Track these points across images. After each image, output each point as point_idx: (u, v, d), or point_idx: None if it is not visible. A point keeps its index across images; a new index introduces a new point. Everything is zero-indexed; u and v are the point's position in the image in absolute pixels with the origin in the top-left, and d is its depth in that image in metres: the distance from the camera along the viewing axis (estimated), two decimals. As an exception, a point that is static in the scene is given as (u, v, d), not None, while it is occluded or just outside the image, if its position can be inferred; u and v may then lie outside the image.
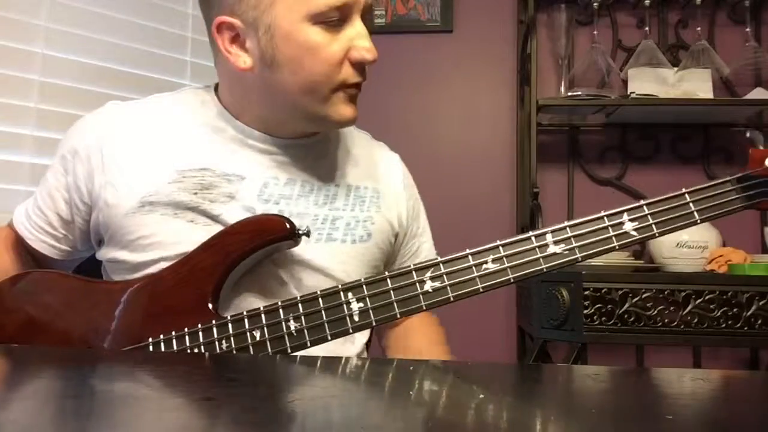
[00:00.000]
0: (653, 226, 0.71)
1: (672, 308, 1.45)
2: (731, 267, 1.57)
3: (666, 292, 1.45)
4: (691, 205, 0.71)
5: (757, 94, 1.79)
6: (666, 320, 1.44)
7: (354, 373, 0.57)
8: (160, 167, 0.82)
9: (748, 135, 0.77)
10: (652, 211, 0.71)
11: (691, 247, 1.64)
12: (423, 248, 0.99)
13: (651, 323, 1.44)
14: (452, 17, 2.01)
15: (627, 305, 1.44)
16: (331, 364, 0.61)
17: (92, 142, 0.84)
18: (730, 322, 1.44)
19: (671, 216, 0.71)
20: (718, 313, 1.44)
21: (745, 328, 1.43)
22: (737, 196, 0.72)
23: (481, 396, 0.46)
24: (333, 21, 0.77)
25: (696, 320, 1.44)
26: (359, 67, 0.80)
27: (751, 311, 1.43)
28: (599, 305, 1.44)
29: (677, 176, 1.94)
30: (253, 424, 0.37)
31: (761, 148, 0.74)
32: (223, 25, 0.79)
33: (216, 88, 0.89)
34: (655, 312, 1.44)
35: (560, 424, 0.40)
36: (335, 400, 0.45)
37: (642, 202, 0.72)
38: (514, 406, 0.45)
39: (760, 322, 1.43)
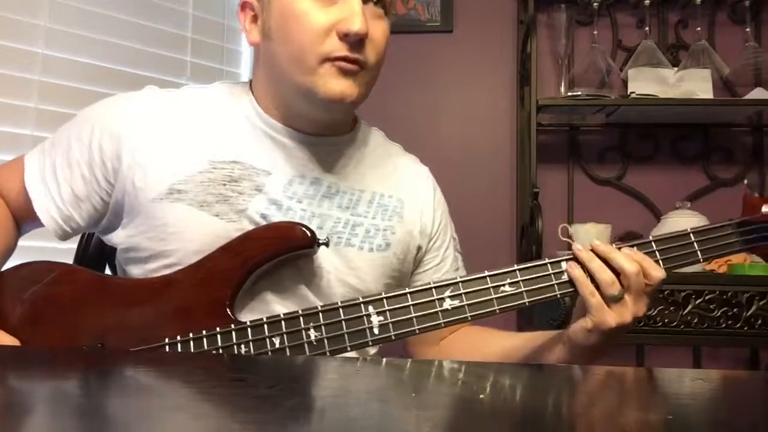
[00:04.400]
0: (660, 262, 0.76)
1: (672, 308, 1.45)
2: (731, 267, 1.57)
3: (666, 292, 1.45)
4: (695, 244, 0.78)
5: (757, 94, 1.79)
6: (666, 320, 1.44)
7: (368, 373, 0.57)
8: (193, 156, 0.82)
9: (745, 182, 0.85)
10: (660, 247, 0.77)
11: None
12: (446, 262, 0.96)
13: (651, 323, 1.44)
14: (452, 17, 2.01)
15: (627, 305, 1.44)
16: (346, 363, 0.61)
17: (126, 122, 0.83)
18: (730, 322, 1.44)
19: (677, 254, 0.77)
20: (718, 313, 1.44)
21: (745, 328, 1.43)
22: (737, 239, 0.79)
23: (482, 396, 0.46)
24: None
25: (696, 320, 1.44)
26: (348, 40, 0.76)
27: (751, 311, 1.44)
28: (599, 305, 1.44)
29: (677, 176, 1.94)
30: (264, 424, 0.37)
31: (756, 195, 0.80)
32: (246, 5, 0.84)
33: (251, 84, 0.89)
34: (655, 312, 1.44)
35: (559, 424, 0.40)
36: (345, 400, 0.45)
37: (651, 238, 0.77)
38: (515, 406, 0.45)
39: (760, 322, 1.43)
